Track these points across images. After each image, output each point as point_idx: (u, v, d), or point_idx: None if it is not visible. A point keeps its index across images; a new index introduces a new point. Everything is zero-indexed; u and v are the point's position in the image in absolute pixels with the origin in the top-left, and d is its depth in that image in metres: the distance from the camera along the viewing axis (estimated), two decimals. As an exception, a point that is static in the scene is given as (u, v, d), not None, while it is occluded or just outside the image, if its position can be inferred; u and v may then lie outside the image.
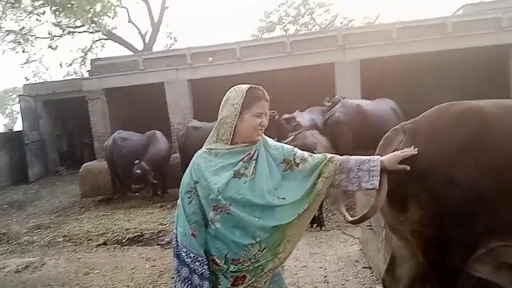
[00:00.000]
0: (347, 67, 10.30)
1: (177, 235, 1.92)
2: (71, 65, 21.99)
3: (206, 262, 1.86)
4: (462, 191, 1.99)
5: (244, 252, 1.85)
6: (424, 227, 2.14)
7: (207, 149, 1.97)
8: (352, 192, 2.10)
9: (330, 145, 6.19)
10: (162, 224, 6.87)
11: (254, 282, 1.90)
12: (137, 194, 8.84)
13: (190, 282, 1.85)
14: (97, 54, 20.73)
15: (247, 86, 1.96)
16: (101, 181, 10.11)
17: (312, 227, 5.46)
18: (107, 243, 6.06)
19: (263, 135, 2.03)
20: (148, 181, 8.42)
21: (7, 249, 6.28)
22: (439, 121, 2.22)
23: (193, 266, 1.85)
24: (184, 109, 10.85)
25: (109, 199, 9.39)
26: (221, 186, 1.83)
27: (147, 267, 4.95)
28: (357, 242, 4.74)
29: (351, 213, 6.03)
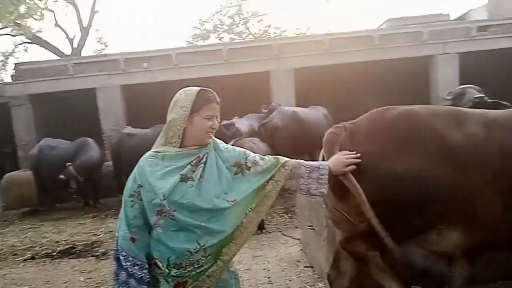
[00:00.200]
0: (282, 76, 10.60)
1: (118, 238, 1.86)
2: (-11, 70, 20.43)
3: (146, 266, 1.83)
4: (398, 182, 2.18)
5: (187, 257, 1.82)
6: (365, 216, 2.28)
7: (154, 152, 1.92)
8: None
9: (269, 152, 6.31)
10: (95, 235, 6.55)
11: (196, 287, 1.87)
12: (66, 203, 8.38)
13: (127, 286, 1.81)
14: (19, 58, 19.46)
15: (197, 88, 1.93)
16: (25, 192, 9.36)
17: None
18: (36, 257, 5.66)
19: (213, 137, 2.00)
20: (79, 188, 8.02)
21: None
22: (378, 122, 2.44)
23: (132, 270, 1.81)
24: (117, 115, 10.51)
25: (35, 211, 8.79)
26: (166, 191, 1.79)
27: (82, 279, 4.69)
28: (298, 243, 4.85)
29: (290, 215, 6.23)
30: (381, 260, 2.35)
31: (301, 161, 2.08)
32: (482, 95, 4.66)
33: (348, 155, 2.18)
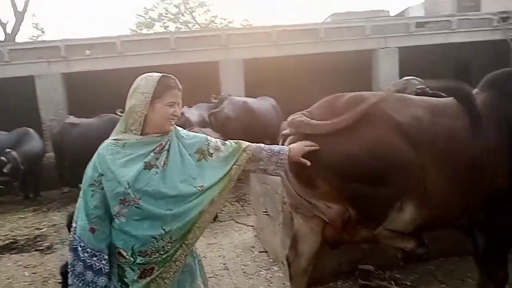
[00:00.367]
0: (230, 66, 10.62)
1: (76, 228, 1.79)
2: None
3: (105, 257, 1.77)
4: (356, 164, 2.29)
5: (152, 243, 1.79)
6: (336, 199, 2.38)
7: (114, 139, 1.85)
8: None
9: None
10: (38, 228, 6.24)
11: (162, 273, 1.85)
12: (3, 197, 7.89)
13: (83, 277, 1.76)
14: None
15: (159, 74, 1.89)
16: (-46, 187, 8.74)
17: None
18: (-27, 254, 5.31)
19: (174, 125, 1.97)
20: (16, 175, 7.55)
21: None
22: (331, 108, 2.50)
23: (89, 261, 1.76)
24: (57, 104, 10.05)
25: (-33, 206, 8.20)
26: (131, 178, 1.75)
27: (27, 274, 4.47)
28: (251, 229, 4.93)
29: (241, 203, 6.29)
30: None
31: (262, 145, 2.11)
32: (424, 87, 4.94)
33: (309, 145, 2.22)
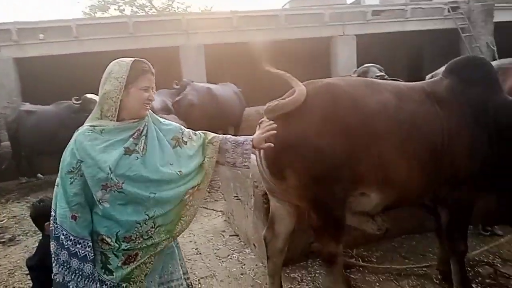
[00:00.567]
0: (191, 51, 10.52)
1: (56, 216, 1.77)
2: None
3: (89, 244, 1.77)
4: (325, 156, 2.38)
5: (136, 229, 1.80)
6: (304, 191, 2.49)
7: (90, 126, 1.83)
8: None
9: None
10: (-3, 220, 6.04)
11: (147, 259, 1.88)
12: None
13: (69, 265, 1.76)
14: None
15: (131, 59, 1.88)
16: None
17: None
18: None
19: (150, 110, 1.98)
20: None
21: None
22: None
23: (74, 249, 1.75)
24: (10, 91, 9.61)
25: None
26: (112, 163, 1.75)
27: (-9, 268, 4.35)
28: (220, 214, 5.02)
29: (208, 189, 6.34)
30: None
31: (227, 136, 2.17)
32: (383, 73, 5.16)
33: (266, 131, 2.20)
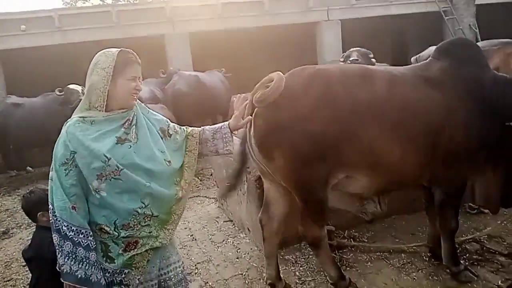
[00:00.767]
0: (177, 40, 10.46)
1: (54, 209, 1.78)
2: None
3: (90, 233, 1.80)
4: (313, 140, 2.47)
5: (133, 216, 1.84)
6: (290, 172, 2.58)
7: (80, 117, 1.85)
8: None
9: (173, 117, 6.34)
10: (-11, 214, 6.03)
11: (147, 245, 1.91)
12: None
13: (74, 255, 1.77)
14: None
15: (117, 49, 1.89)
16: None
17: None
18: None
19: (138, 100, 2.00)
20: None
21: None
22: (294, 83, 2.61)
23: (77, 239, 1.77)
24: (-7, 84, 9.45)
25: None
26: (107, 151, 1.79)
27: (-13, 261, 4.38)
28: (214, 201, 5.11)
29: (200, 177, 6.42)
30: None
31: (204, 126, 2.24)
32: (356, 59, 5.10)
33: (241, 112, 2.29)
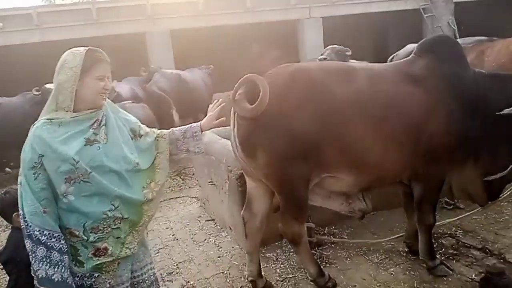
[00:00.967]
0: (158, 37, 10.39)
1: (24, 215, 1.75)
2: None
3: (62, 237, 1.78)
4: (295, 139, 2.47)
5: (103, 219, 1.82)
6: (272, 170, 2.59)
7: (47, 119, 1.81)
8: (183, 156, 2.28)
9: (154, 117, 6.29)
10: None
11: (114, 255, 1.88)
12: None
13: (49, 260, 1.74)
14: None
15: (85, 48, 1.85)
16: None
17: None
18: None
19: (108, 99, 1.96)
20: None
21: None
22: (276, 81, 2.60)
23: (50, 243, 1.74)
24: (-31, 83, 9.22)
25: None
26: (75, 154, 1.75)
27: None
28: (195, 200, 5.10)
29: (182, 177, 6.39)
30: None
31: (173, 128, 2.23)
32: (324, 57, 5.15)
33: (215, 113, 2.27)
